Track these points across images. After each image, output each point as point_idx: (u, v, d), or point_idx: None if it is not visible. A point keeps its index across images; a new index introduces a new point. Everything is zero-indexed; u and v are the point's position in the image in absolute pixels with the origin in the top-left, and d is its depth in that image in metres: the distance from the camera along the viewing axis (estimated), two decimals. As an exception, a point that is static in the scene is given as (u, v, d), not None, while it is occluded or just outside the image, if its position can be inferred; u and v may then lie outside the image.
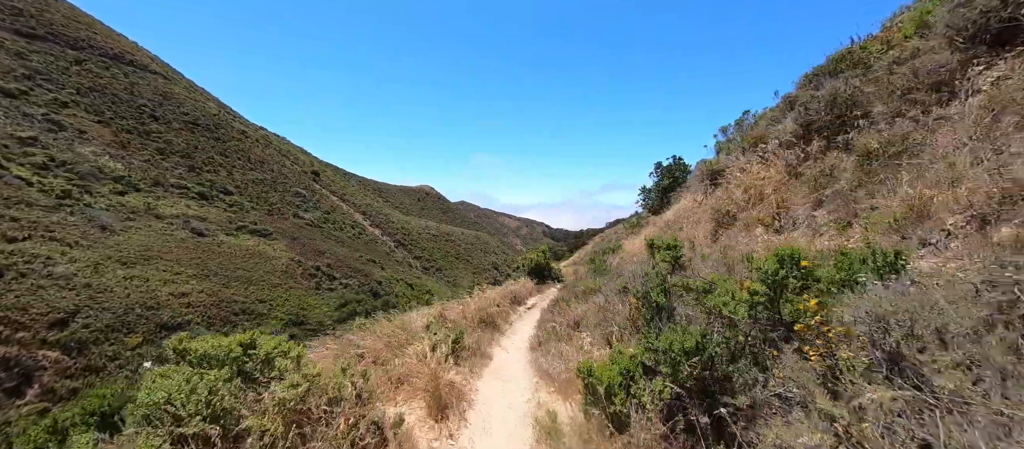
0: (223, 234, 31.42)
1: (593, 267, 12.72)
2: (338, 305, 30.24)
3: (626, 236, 18.96)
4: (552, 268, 14.04)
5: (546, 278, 12.99)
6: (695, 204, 11.08)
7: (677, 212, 12.15)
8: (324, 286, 32.50)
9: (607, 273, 9.25)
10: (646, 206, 20.53)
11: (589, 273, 12.17)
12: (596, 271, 10.13)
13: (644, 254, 10.07)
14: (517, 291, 10.09)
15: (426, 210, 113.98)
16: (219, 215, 35.41)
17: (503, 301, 8.74)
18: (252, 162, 52.55)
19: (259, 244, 32.77)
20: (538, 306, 9.35)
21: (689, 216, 10.93)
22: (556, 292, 10.45)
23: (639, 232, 15.38)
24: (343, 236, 51.09)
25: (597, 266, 10.72)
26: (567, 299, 7.80)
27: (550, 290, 11.56)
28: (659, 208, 17.85)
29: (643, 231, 14.69)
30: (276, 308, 23.80)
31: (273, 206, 46.21)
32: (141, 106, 46.10)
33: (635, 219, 21.46)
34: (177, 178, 38.40)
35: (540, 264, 13.23)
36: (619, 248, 12.72)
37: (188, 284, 20.54)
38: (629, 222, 22.28)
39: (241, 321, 20.53)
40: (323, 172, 76.28)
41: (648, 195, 20.77)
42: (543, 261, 13.39)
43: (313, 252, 37.55)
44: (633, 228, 18.63)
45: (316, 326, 25.54)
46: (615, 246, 13.46)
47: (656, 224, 14.25)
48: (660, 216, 14.88)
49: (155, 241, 24.00)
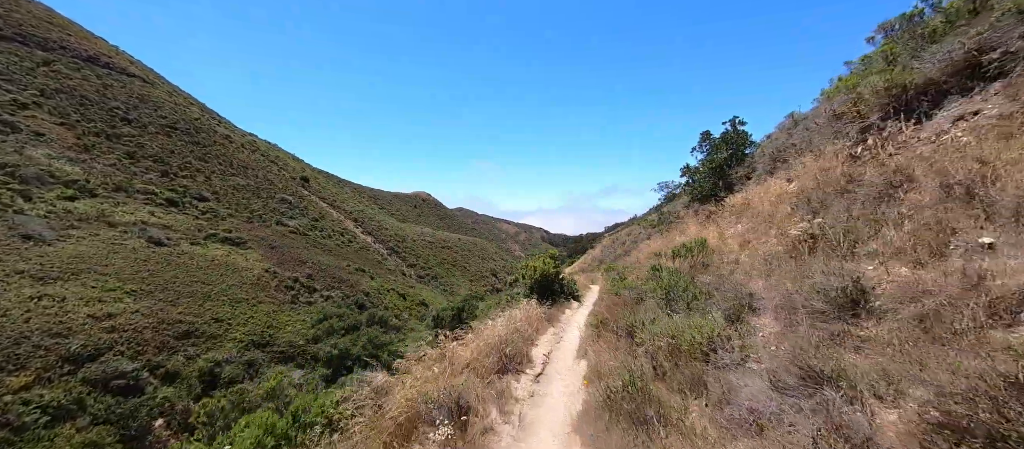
0: (188, 243, 27.73)
1: (615, 277, 9.12)
2: (316, 321, 26.50)
3: (646, 237, 15.34)
4: (563, 282, 10.38)
5: (557, 296, 9.31)
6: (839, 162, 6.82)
7: (765, 192, 8.35)
8: (301, 299, 28.76)
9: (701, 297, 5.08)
10: (693, 190, 14.66)
11: (625, 288, 8.54)
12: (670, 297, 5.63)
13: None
14: (510, 338, 5.68)
15: (423, 217, 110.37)
16: (188, 222, 31.75)
17: (486, 366, 4.89)
18: (234, 167, 48.98)
19: (229, 253, 29.07)
20: (558, 366, 5.64)
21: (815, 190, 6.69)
22: (581, 326, 6.90)
23: (677, 229, 11.66)
24: (330, 244, 47.39)
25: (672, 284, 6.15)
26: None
27: (569, 320, 8.05)
28: (713, 192, 13.00)
29: (687, 227, 11.06)
30: (235, 328, 20.08)
31: (255, 213, 42.57)
32: (113, 108, 42.59)
33: (656, 216, 17.58)
34: (145, 183, 34.78)
35: (546, 276, 9.57)
36: (662, 253, 9.19)
37: (120, 302, 16.84)
38: (647, 220, 18.59)
39: (184, 346, 16.81)
40: (314, 179, 72.73)
41: (693, 177, 15.17)
42: (550, 271, 9.74)
43: (293, 261, 33.84)
44: (655, 226, 15.10)
45: (285, 347, 21.84)
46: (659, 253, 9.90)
47: (710, 216, 10.60)
48: (719, 203, 10.93)
49: (96, 252, 20.32)
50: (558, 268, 10.44)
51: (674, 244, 9.82)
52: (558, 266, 10.40)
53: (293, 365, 21.34)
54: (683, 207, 15.40)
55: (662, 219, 16.09)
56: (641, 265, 11.04)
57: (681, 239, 10.03)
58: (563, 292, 9.84)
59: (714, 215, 10.24)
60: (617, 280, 9.14)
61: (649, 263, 10.47)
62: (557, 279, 9.88)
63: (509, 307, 7.32)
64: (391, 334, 31.60)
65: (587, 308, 8.77)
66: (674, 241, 10.35)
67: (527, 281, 9.25)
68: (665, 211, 17.35)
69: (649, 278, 7.17)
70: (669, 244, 10.92)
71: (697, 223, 10.65)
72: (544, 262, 9.53)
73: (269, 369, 18.97)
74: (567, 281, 10.30)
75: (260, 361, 19.04)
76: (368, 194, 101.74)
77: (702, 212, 11.70)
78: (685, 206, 15.16)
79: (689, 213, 13.53)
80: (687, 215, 13.49)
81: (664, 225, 14.83)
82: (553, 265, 9.86)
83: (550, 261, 9.75)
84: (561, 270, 10.64)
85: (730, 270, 6.26)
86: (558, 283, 9.78)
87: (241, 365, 18.10)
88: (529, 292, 8.79)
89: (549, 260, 9.77)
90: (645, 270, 8.77)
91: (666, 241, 11.27)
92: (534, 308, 7.26)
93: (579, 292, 10.59)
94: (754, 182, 10.45)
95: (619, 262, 15.79)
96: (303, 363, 21.89)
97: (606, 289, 9.66)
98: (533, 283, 9.12)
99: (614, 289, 8.81)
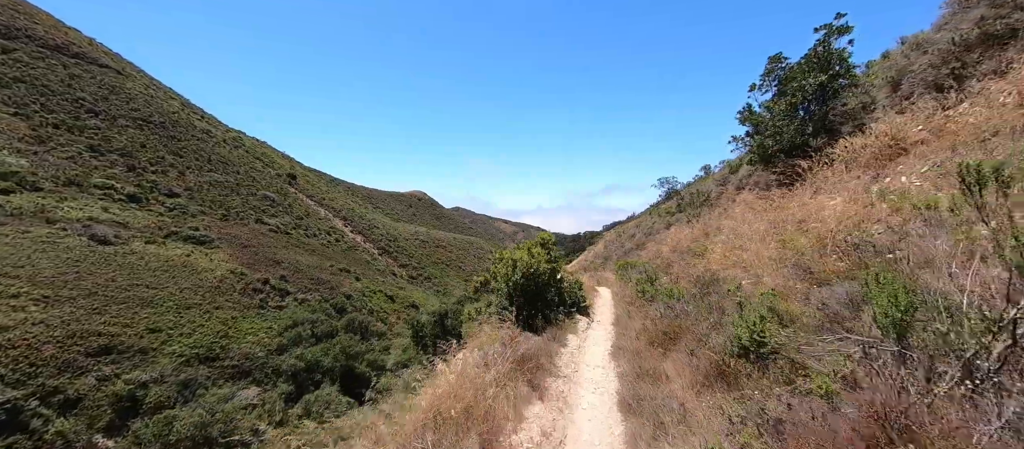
0: (142, 242, 24.45)
1: (642, 278, 5.96)
2: (285, 327, 23.26)
3: (664, 227, 12.17)
4: (563, 286, 6.49)
5: (554, 310, 5.77)
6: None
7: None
8: (271, 304, 25.51)
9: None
10: (762, 145, 9.25)
11: (633, 288, 5.37)
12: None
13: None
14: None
15: (418, 216, 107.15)
16: (148, 219, 28.47)
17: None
18: (213, 163, 45.68)
19: (191, 253, 25.80)
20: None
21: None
22: (612, 390, 3.69)
23: (718, 211, 8.00)
24: (315, 243, 44.11)
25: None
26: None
27: (579, 358, 4.76)
28: (801, 142, 8.42)
29: (731, 206, 7.64)
30: (176, 339, 16.82)
31: (232, 210, 39.28)
32: (79, 99, 39.27)
33: (675, 203, 13.86)
34: (107, 178, 31.49)
35: (536, 277, 5.68)
36: (705, 250, 5.95)
37: (20, 312, 13.58)
38: (666, 208, 15.17)
39: (98, 365, 13.55)
40: (304, 176, 69.45)
41: (760, 126, 9.59)
42: (542, 269, 5.88)
43: (267, 262, 30.59)
44: (672, 214, 11.86)
45: (240, 361, 18.58)
46: (698, 249, 6.63)
47: (794, 180, 7.26)
48: (815, 158, 7.32)
49: (14, 252, 17.05)
50: (555, 264, 6.67)
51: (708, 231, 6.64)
52: (554, 261, 6.90)
53: (248, 381, 18.10)
54: (715, 184, 11.57)
55: (692, 201, 12.06)
56: (667, 260, 7.92)
57: (729, 224, 6.85)
58: (564, 303, 6.41)
59: (802, 179, 6.75)
60: (644, 282, 5.94)
61: (679, 258, 7.29)
62: (554, 281, 6.19)
63: (477, 333, 4.09)
64: (373, 341, 28.40)
65: (604, 328, 5.57)
66: (717, 227, 7.17)
67: (503, 286, 5.78)
68: (694, 190, 13.45)
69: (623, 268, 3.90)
70: (704, 234, 7.73)
71: (758, 196, 7.28)
72: (531, 253, 5.84)
73: (213, 389, 15.74)
74: (569, 284, 6.79)
75: (202, 380, 15.79)
76: (363, 193, 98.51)
77: (765, 182, 7.96)
78: (719, 183, 11.35)
79: (729, 189, 9.96)
80: (726, 192, 10.00)
81: (692, 209, 11.20)
82: (545, 258, 5.87)
83: (541, 251, 5.99)
84: (559, 267, 7.03)
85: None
86: (555, 288, 6.20)
87: (175, 385, 14.85)
88: (507, 304, 5.42)
89: (539, 250, 6.04)
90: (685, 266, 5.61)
91: (702, 228, 8.14)
92: (510, 337, 3.95)
93: (587, 300, 7.14)
94: (877, 121, 6.87)
95: (632, 256, 12.58)
96: (262, 379, 18.64)
97: (627, 296, 6.49)
98: (513, 289, 5.53)
99: (640, 291, 5.59)
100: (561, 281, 6.29)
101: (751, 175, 8.89)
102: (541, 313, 5.33)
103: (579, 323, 6.04)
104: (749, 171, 9.29)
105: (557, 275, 6.21)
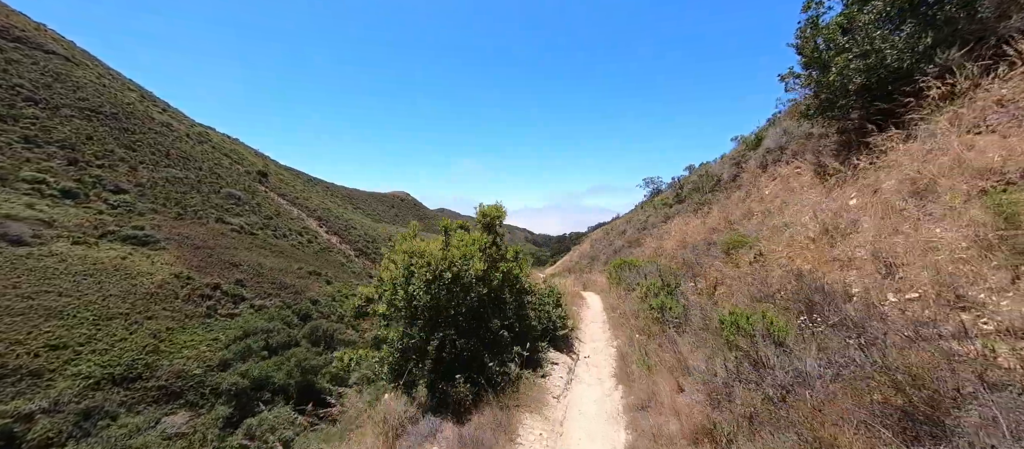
0: (69, 242, 21.29)
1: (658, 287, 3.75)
2: (233, 338, 20.42)
3: (661, 220, 10.13)
4: (528, 302, 3.66)
5: (501, 360, 2.85)
6: None
7: None
8: (221, 311, 22.61)
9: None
10: (835, 82, 5.78)
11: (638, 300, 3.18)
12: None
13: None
14: None
15: (400, 217, 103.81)
16: (82, 217, 25.15)
17: None
18: (172, 158, 42.06)
19: (128, 255, 22.69)
20: None
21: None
22: None
23: (742, 194, 5.54)
24: (284, 244, 40.94)
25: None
26: None
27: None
28: (906, 73, 5.25)
29: (759, 189, 5.14)
30: (86, 357, 14.00)
31: (189, 207, 35.90)
32: (15, 86, 35.32)
33: (674, 194, 11.75)
34: (36, 172, 27.96)
35: (466, 289, 2.87)
36: (746, 243, 3.80)
37: None
38: (662, 199, 13.22)
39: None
40: (278, 174, 65.74)
41: (834, 56, 5.97)
42: (481, 273, 2.96)
43: (221, 264, 27.55)
44: (669, 206, 9.88)
45: (169, 381, 15.78)
46: (738, 243, 4.50)
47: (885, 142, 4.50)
48: (923, 102, 4.77)
49: None
50: (510, 264, 3.86)
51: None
52: (511, 258, 3.99)
53: (178, 405, 15.35)
54: (729, 165, 9.30)
55: (699, 186, 9.76)
56: (677, 259, 5.85)
57: (760, 207, 4.76)
58: (525, 335, 3.44)
59: (902, 123, 4.01)
60: (659, 292, 3.71)
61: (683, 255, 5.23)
62: (508, 293, 3.41)
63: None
64: (339, 350, 25.70)
65: (600, 388, 3.26)
66: (745, 212, 5.11)
67: (392, 307, 2.92)
68: (701, 173, 11.24)
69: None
70: (726, 222, 5.65)
71: (811, 167, 4.95)
72: (452, 245, 2.99)
73: (124, 418, 12.99)
74: (539, 297, 4.05)
75: (112, 407, 13.03)
76: (342, 193, 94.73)
77: (813, 149, 5.13)
78: (733, 163, 8.94)
79: (750, 167, 7.74)
80: (745, 171, 7.85)
81: (700, 195, 9.14)
82: (487, 249, 3.18)
83: (479, 238, 3.26)
84: (520, 269, 4.09)
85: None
86: (512, 305, 3.33)
87: (73, 416, 12.08)
88: (393, 375, 2.54)
89: (473, 238, 3.27)
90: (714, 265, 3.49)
91: (721, 216, 6.12)
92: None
93: (570, 323, 4.68)
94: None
95: (625, 255, 10.52)
96: (196, 400, 15.90)
97: (629, 312, 4.37)
98: (411, 314, 2.74)
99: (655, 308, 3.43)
100: (524, 293, 3.74)
101: (787, 144, 6.74)
102: (477, 362, 2.82)
103: (552, 375, 3.46)
104: (779, 139, 7.00)
105: (517, 282, 3.65)
